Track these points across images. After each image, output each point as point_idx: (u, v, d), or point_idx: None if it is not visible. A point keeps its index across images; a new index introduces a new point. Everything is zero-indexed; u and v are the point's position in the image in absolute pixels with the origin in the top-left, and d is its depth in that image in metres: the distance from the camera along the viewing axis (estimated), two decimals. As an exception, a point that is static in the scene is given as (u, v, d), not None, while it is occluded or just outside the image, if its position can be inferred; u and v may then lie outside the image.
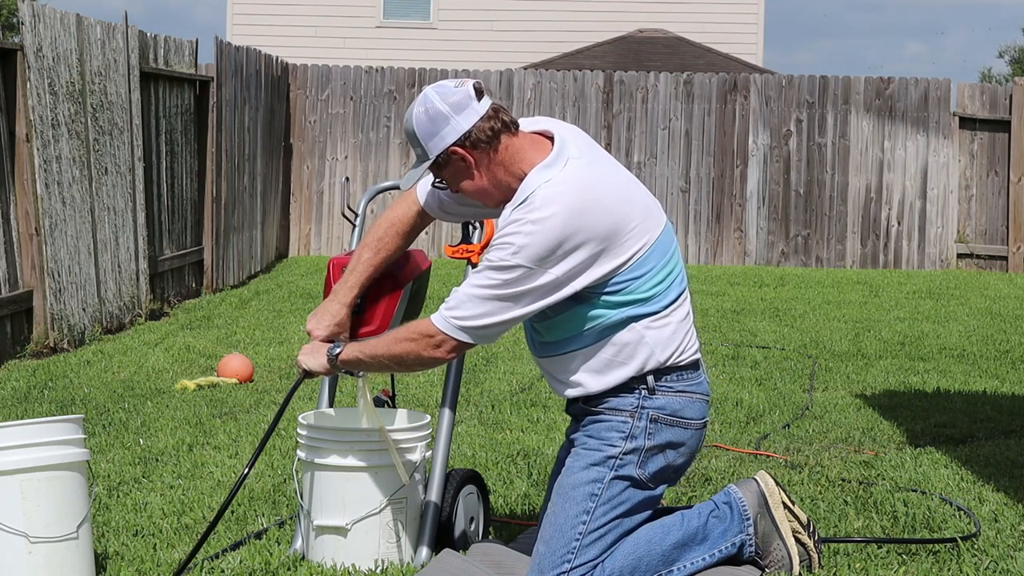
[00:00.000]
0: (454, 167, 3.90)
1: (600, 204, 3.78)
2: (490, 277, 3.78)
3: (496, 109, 3.87)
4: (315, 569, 4.16)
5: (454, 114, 3.83)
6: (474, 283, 3.80)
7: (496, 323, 3.81)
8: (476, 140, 3.83)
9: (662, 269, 3.91)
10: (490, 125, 3.83)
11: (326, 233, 16.92)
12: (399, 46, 22.18)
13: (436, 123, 3.85)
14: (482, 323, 3.80)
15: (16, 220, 8.81)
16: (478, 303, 3.79)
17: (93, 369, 8.34)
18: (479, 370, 8.31)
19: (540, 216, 3.73)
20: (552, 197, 3.75)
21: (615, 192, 3.85)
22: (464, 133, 3.82)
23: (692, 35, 21.98)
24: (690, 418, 3.96)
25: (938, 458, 5.78)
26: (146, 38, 11.38)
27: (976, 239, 16.54)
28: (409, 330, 3.90)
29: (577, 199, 3.76)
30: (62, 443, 4.01)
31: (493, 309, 3.79)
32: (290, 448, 5.87)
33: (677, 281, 3.96)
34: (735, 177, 16.62)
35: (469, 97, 3.83)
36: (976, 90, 16.52)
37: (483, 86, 3.89)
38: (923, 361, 8.94)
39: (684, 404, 3.94)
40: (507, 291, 3.77)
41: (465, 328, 3.81)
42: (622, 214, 3.81)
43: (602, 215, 3.77)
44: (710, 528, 4.05)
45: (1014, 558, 4.26)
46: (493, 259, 3.77)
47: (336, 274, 4.27)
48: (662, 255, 3.91)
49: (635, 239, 3.84)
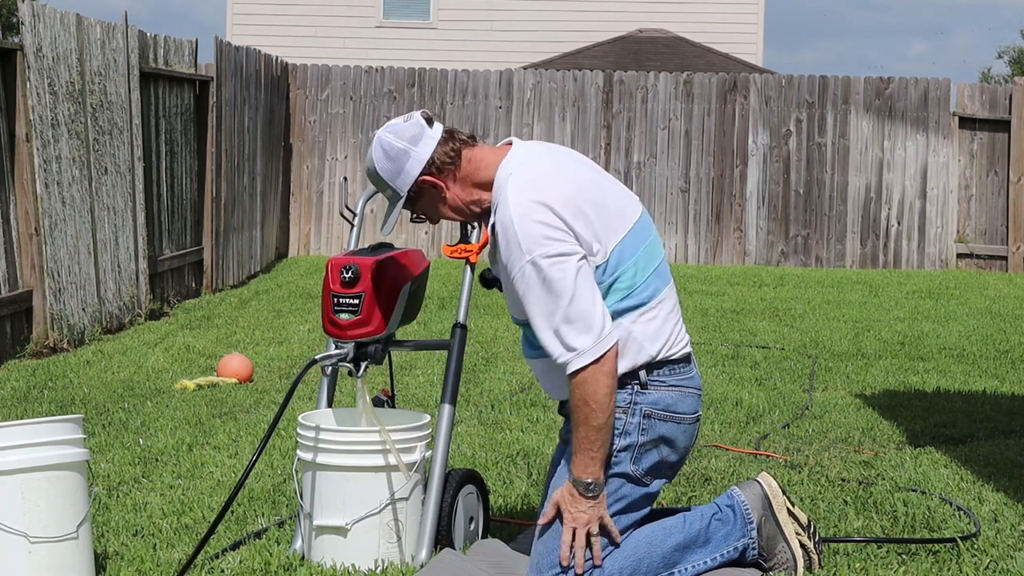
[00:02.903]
0: (428, 196, 4.00)
1: (568, 174, 3.89)
2: (534, 287, 3.76)
3: (449, 131, 3.99)
4: (315, 569, 4.16)
5: (412, 147, 3.94)
6: (534, 309, 3.77)
7: (585, 301, 3.75)
8: (440, 164, 3.95)
9: (641, 259, 3.91)
10: (449, 147, 3.95)
11: (326, 233, 16.92)
12: (399, 46, 22.19)
13: (398, 160, 3.95)
14: (580, 307, 3.74)
15: (16, 220, 8.81)
16: (547, 294, 3.75)
17: (93, 369, 8.34)
18: (479, 370, 8.31)
19: (517, 204, 3.79)
20: (522, 185, 3.83)
21: (580, 172, 3.95)
22: (427, 161, 3.94)
23: (692, 35, 21.98)
24: (683, 412, 3.96)
25: (938, 458, 5.78)
26: (146, 38, 11.38)
27: (976, 239, 16.54)
28: (579, 398, 3.77)
29: (534, 172, 3.86)
30: (62, 443, 4.00)
31: (571, 293, 3.75)
32: (290, 448, 5.87)
33: (659, 273, 3.96)
34: (735, 177, 16.62)
35: (421, 127, 3.97)
36: (976, 90, 16.52)
37: (430, 114, 4.03)
38: (923, 361, 8.94)
39: (677, 398, 3.94)
40: (550, 261, 3.75)
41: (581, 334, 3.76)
42: (591, 186, 3.90)
43: (573, 184, 3.86)
44: (712, 531, 4.03)
45: (1014, 558, 4.26)
46: (517, 272, 3.78)
47: (335, 274, 4.26)
48: (640, 242, 3.93)
49: (606, 218, 3.87)
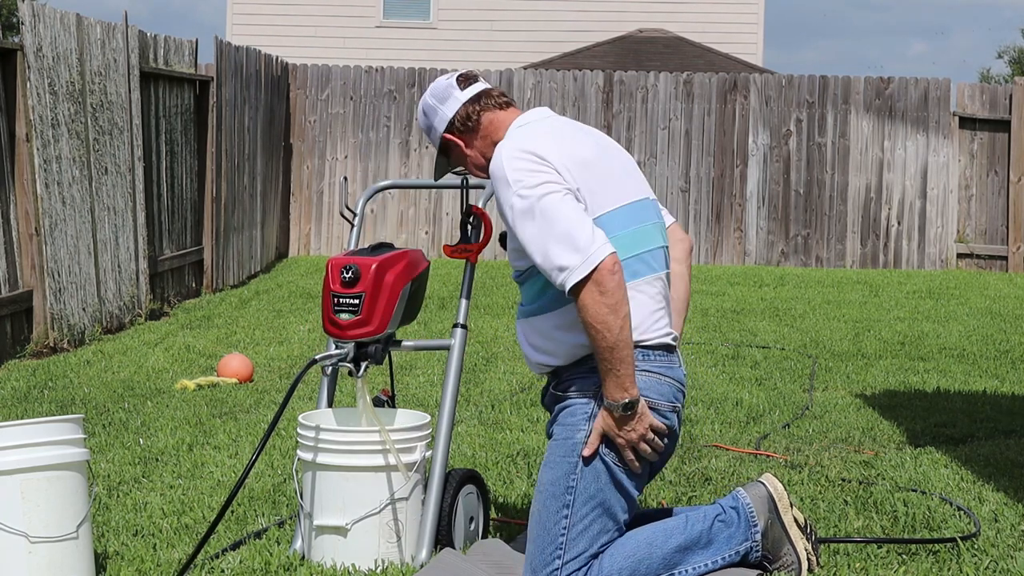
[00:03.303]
0: (455, 152, 4.18)
1: (563, 136, 3.96)
2: (522, 217, 3.81)
3: (480, 93, 4.12)
4: (315, 569, 4.16)
5: (439, 105, 4.15)
6: (526, 237, 3.81)
7: (569, 222, 3.76)
8: (461, 124, 4.13)
9: (625, 239, 3.90)
10: (472, 108, 4.11)
11: (326, 233, 16.92)
12: (399, 46, 22.19)
13: (429, 116, 4.19)
14: (570, 225, 3.76)
15: (16, 220, 8.81)
16: (535, 223, 3.79)
17: (93, 369, 8.34)
18: (479, 370, 8.31)
19: (506, 150, 3.90)
20: (515, 137, 3.97)
21: (579, 137, 4.01)
22: (448, 120, 4.13)
23: (692, 35, 21.98)
24: (656, 399, 3.89)
25: (938, 458, 5.78)
26: (146, 38, 11.38)
27: (976, 239, 16.54)
28: (584, 323, 3.76)
29: (529, 129, 3.99)
30: (62, 443, 4.00)
31: (555, 215, 3.78)
32: (290, 448, 5.87)
33: (643, 260, 3.95)
34: (735, 177, 16.62)
35: (451, 88, 4.14)
36: (976, 90, 16.52)
37: (472, 74, 4.18)
38: (923, 361, 8.94)
39: (650, 383, 3.88)
40: (535, 190, 3.81)
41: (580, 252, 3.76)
42: (585, 151, 3.95)
43: (567, 145, 3.93)
44: (715, 532, 3.99)
45: (1014, 558, 4.26)
46: (507, 209, 3.85)
47: (335, 274, 4.26)
48: (630, 223, 3.93)
49: (594, 188, 3.89)
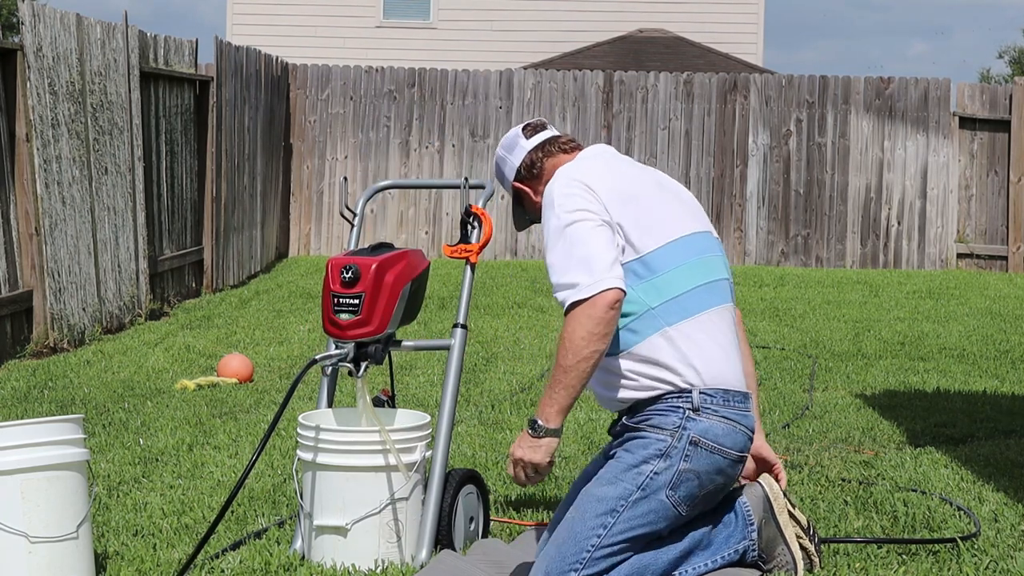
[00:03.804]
0: (526, 200, 4.28)
1: (613, 170, 4.05)
2: (554, 235, 3.89)
3: (546, 141, 4.23)
4: (315, 569, 4.16)
5: (508, 155, 4.29)
6: (552, 255, 3.89)
7: (593, 248, 3.82)
8: (527, 172, 4.24)
9: (695, 266, 3.94)
10: (536, 156, 4.22)
11: (326, 233, 16.92)
12: (399, 46, 22.19)
13: (501, 166, 4.33)
14: (586, 252, 3.83)
15: (16, 220, 8.81)
16: (563, 243, 3.86)
17: (93, 369, 8.34)
18: (479, 370, 8.31)
19: (557, 180, 4.01)
20: (567, 170, 4.08)
21: (630, 172, 4.09)
22: (516, 168, 4.26)
23: (692, 35, 21.98)
24: (729, 448, 3.88)
25: (938, 458, 5.78)
26: (146, 38, 11.39)
27: (976, 239, 16.54)
28: (560, 335, 3.83)
29: (585, 163, 4.10)
30: (62, 443, 4.00)
31: (583, 239, 3.84)
32: (290, 448, 5.87)
33: (716, 288, 3.98)
34: (735, 177, 16.62)
35: (518, 136, 4.27)
36: (976, 90, 16.52)
37: (540, 122, 4.31)
38: (923, 361, 8.94)
39: (727, 431, 3.87)
40: (573, 215, 3.88)
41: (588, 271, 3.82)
42: (636, 186, 4.02)
43: (610, 176, 4.01)
44: (715, 534, 4.02)
45: (1014, 558, 4.26)
46: (545, 229, 3.94)
47: (335, 274, 4.26)
48: (692, 252, 3.96)
49: (647, 222, 3.92)
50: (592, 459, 4.17)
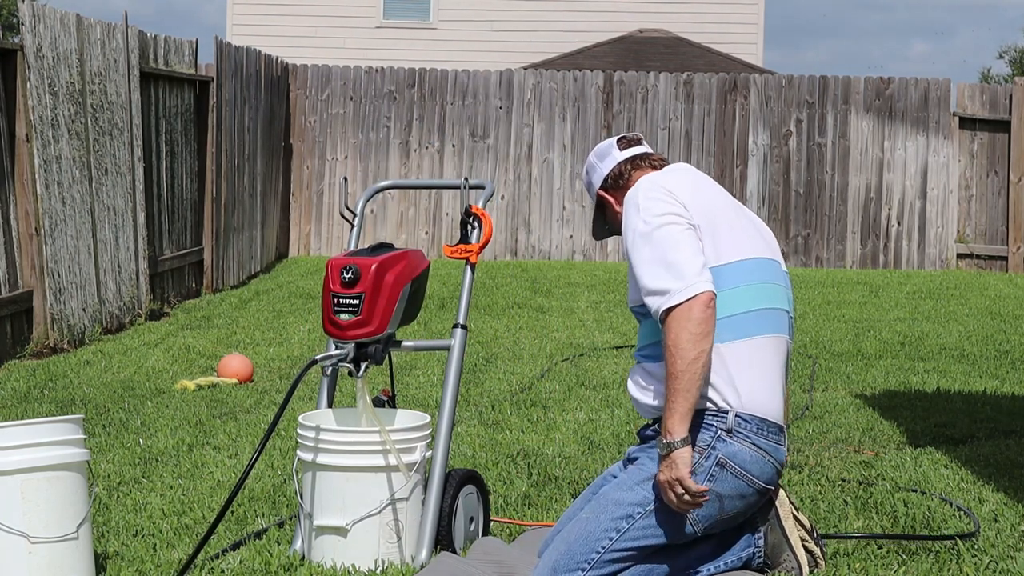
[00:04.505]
0: (608, 209, 4.26)
1: (692, 182, 4.07)
2: (639, 241, 3.90)
3: (636, 156, 4.22)
4: (315, 569, 4.16)
5: (599, 163, 4.27)
6: (638, 259, 3.89)
7: (682, 252, 3.83)
8: (613, 182, 4.22)
9: (756, 289, 3.93)
10: (624, 167, 4.21)
11: (326, 233, 16.92)
12: (399, 46, 22.19)
13: (590, 173, 4.31)
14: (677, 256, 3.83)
15: (16, 220, 8.81)
16: (650, 247, 3.87)
17: (93, 369, 8.34)
18: (479, 370, 8.31)
19: (640, 186, 4.04)
20: (650, 177, 4.11)
21: (708, 188, 4.10)
22: (604, 176, 4.24)
23: (692, 35, 21.98)
24: (755, 476, 3.87)
25: (938, 458, 5.78)
26: (146, 38, 11.38)
27: (976, 239, 16.54)
28: (665, 344, 3.78)
29: (670, 174, 4.13)
30: (62, 443, 4.00)
31: (671, 243, 3.85)
32: (290, 448, 5.87)
33: (773, 316, 3.97)
34: (735, 177, 16.62)
35: (612, 146, 4.28)
36: (976, 90, 16.51)
37: (636, 137, 4.30)
38: (923, 361, 8.94)
39: (756, 459, 3.87)
40: (661, 219, 3.89)
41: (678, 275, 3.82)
42: (712, 201, 4.03)
43: (692, 187, 4.03)
44: (720, 540, 4.01)
45: (1014, 558, 4.26)
46: (629, 233, 3.95)
47: (335, 275, 4.26)
48: (757, 276, 3.95)
49: (719, 238, 3.93)
50: (614, 462, 4.18)
